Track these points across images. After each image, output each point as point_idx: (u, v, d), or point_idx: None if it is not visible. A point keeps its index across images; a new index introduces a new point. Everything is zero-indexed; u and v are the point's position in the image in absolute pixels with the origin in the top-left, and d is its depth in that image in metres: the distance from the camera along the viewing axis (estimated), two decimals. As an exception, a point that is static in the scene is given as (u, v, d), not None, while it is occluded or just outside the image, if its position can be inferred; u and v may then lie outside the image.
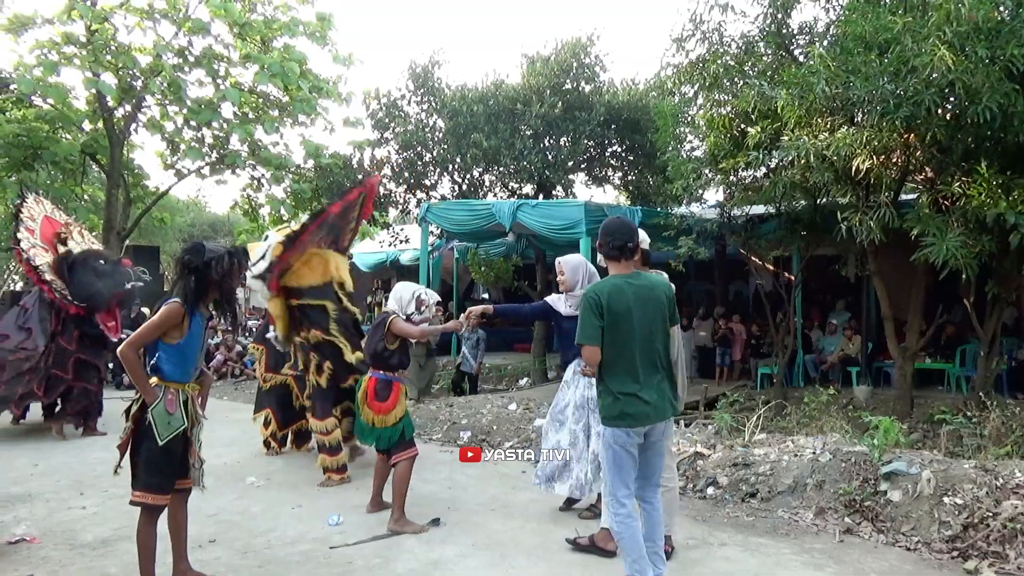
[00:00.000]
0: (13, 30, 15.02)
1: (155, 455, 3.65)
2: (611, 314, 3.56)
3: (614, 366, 3.60)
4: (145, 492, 3.67)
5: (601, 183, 15.59)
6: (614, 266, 3.75)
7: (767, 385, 11.38)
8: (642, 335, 3.61)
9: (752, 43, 9.34)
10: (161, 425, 3.63)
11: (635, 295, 3.63)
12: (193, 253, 3.79)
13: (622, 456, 3.60)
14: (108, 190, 16.80)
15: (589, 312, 3.58)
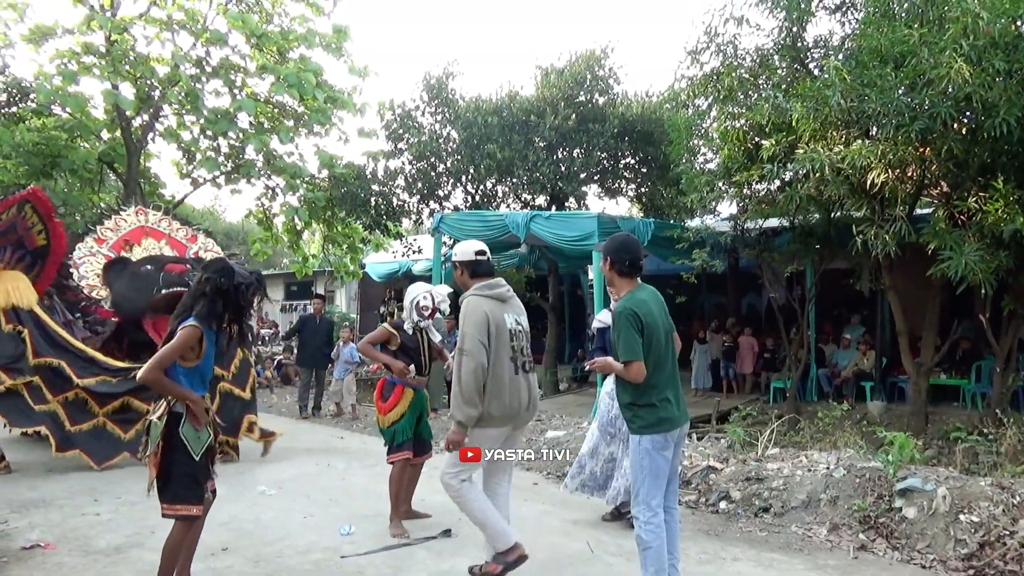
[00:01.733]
0: (34, 40, 15.23)
1: (191, 470, 3.67)
2: (646, 327, 3.65)
3: (652, 376, 3.64)
4: (186, 505, 3.68)
5: (614, 195, 15.60)
6: (626, 282, 3.83)
7: (780, 399, 11.32)
8: (665, 343, 3.74)
9: (767, 56, 9.34)
10: (193, 442, 3.65)
11: (655, 306, 3.77)
12: (225, 275, 3.72)
13: (660, 463, 3.66)
14: (125, 198, 16.92)
15: (630, 329, 3.62)
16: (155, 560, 4.37)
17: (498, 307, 4.00)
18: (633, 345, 3.60)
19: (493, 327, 3.90)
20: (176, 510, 3.68)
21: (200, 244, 9.07)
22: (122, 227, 8.61)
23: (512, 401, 3.94)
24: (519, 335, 4.05)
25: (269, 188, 18.00)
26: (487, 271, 4.16)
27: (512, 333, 3.98)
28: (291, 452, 7.81)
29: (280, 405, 11.41)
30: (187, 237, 9.00)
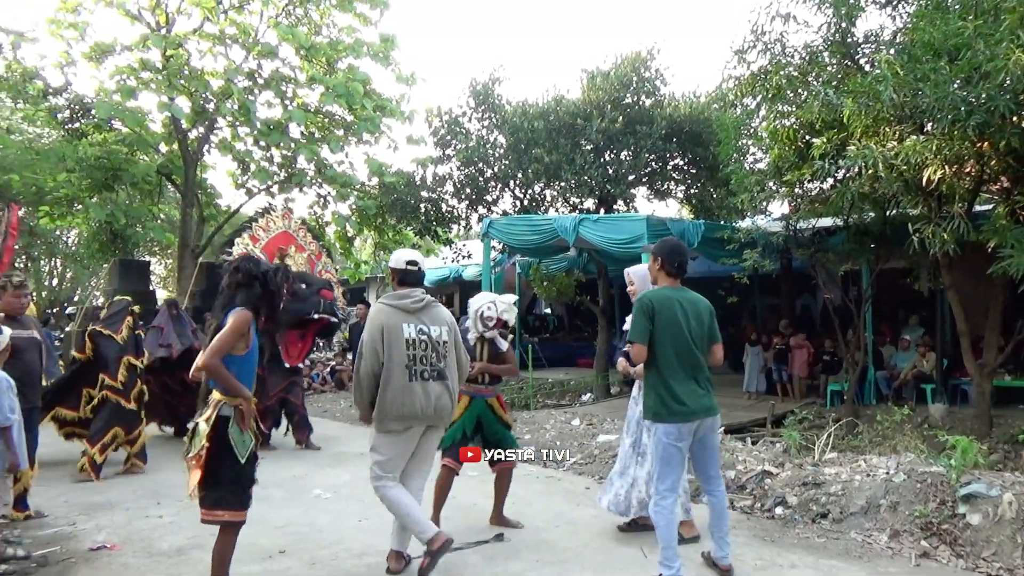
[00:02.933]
0: (94, 58, 15.82)
1: (238, 473, 3.68)
2: (660, 319, 4.03)
3: (661, 366, 4.04)
4: (230, 510, 3.70)
5: (663, 197, 15.48)
6: (668, 280, 4.25)
7: (837, 402, 11.08)
8: (686, 340, 4.05)
9: (816, 53, 9.18)
10: (239, 445, 3.65)
11: (681, 306, 4.11)
12: (252, 263, 3.84)
13: (670, 451, 4.02)
14: (183, 209, 17.46)
15: (641, 315, 4.07)
16: (216, 562, 4.52)
17: (399, 316, 4.25)
18: (637, 328, 4.05)
19: (386, 336, 4.17)
20: (217, 516, 3.69)
21: (323, 263, 9.41)
22: (272, 228, 8.88)
23: (404, 406, 4.16)
24: (420, 344, 4.23)
25: (321, 197, 18.36)
26: (415, 281, 4.44)
27: (409, 342, 4.20)
28: (345, 457, 7.94)
29: (334, 410, 11.59)
30: (316, 254, 9.29)
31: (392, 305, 4.31)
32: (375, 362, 4.17)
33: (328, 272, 9.35)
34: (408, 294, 4.37)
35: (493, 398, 5.23)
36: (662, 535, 4.01)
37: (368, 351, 4.19)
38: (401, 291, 4.39)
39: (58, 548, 4.83)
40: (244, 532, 5.11)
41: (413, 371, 4.20)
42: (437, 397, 4.27)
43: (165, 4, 16.12)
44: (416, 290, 4.42)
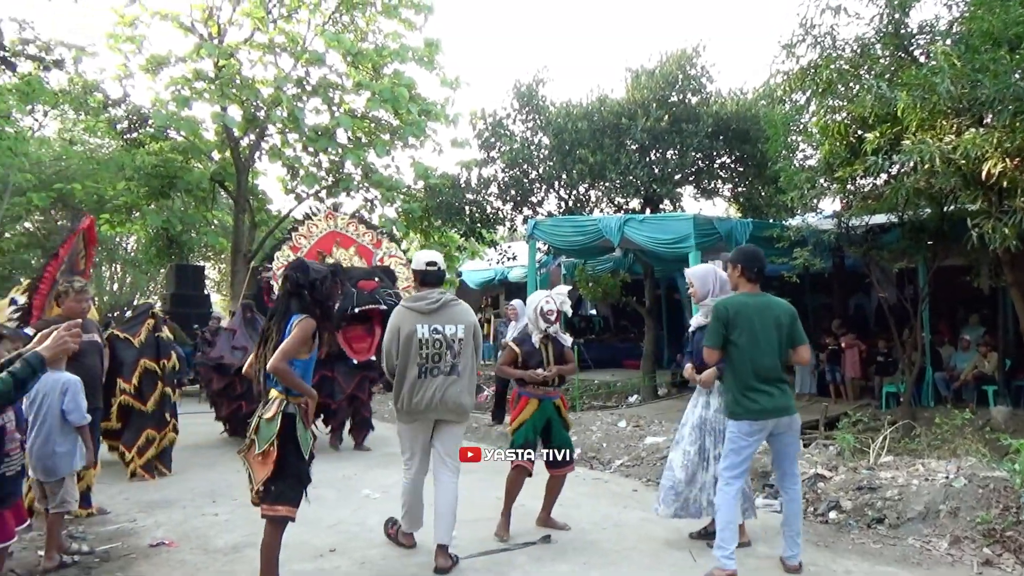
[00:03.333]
0: (150, 70, 16.30)
1: (299, 471, 3.81)
2: (737, 325, 4.27)
3: (737, 368, 4.29)
4: (287, 506, 3.80)
5: (710, 195, 15.29)
6: (748, 286, 4.45)
7: (893, 404, 10.79)
8: (761, 344, 4.27)
9: (867, 45, 8.96)
10: (304, 442, 3.80)
11: (759, 311, 4.33)
12: (302, 271, 3.97)
13: (741, 445, 4.29)
14: (235, 215, 17.88)
15: (717, 321, 4.34)
16: (269, 561, 4.60)
17: (414, 318, 4.55)
18: (713, 334, 4.34)
19: (402, 335, 4.52)
20: (277, 511, 3.80)
21: (384, 249, 8.99)
22: (314, 233, 8.64)
23: (415, 400, 4.48)
24: (433, 343, 4.51)
25: (368, 200, 18.60)
26: (434, 280, 4.70)
27: (423, 342, 4.49)
28: (395, 458, 7.94)
29: (383, 411, 11.70)
30: (373, 242, 8.93)
31: (409, 307, 4.63)
32: (391, 361, 4.58)
33: (393, 256, 8.93)
34: (425, 296, 4.63)
35: (559, 399, 5.26)
36: (721, 517, 4.25)
37: (384, 351, 4.64)
38: (420, 293, 4.69)
39: (119, 544, 4.97)
40: (296, 531, 5.20)
41: (424, 368, 4.49)
42: (447, 391, 4.51)
43: (217, 15, 16.52)
44: (434, 291, 4.66)
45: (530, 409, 5.12)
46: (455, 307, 4.65)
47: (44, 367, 2.65)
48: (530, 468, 5.10)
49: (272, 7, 16.61)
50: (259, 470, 3.79)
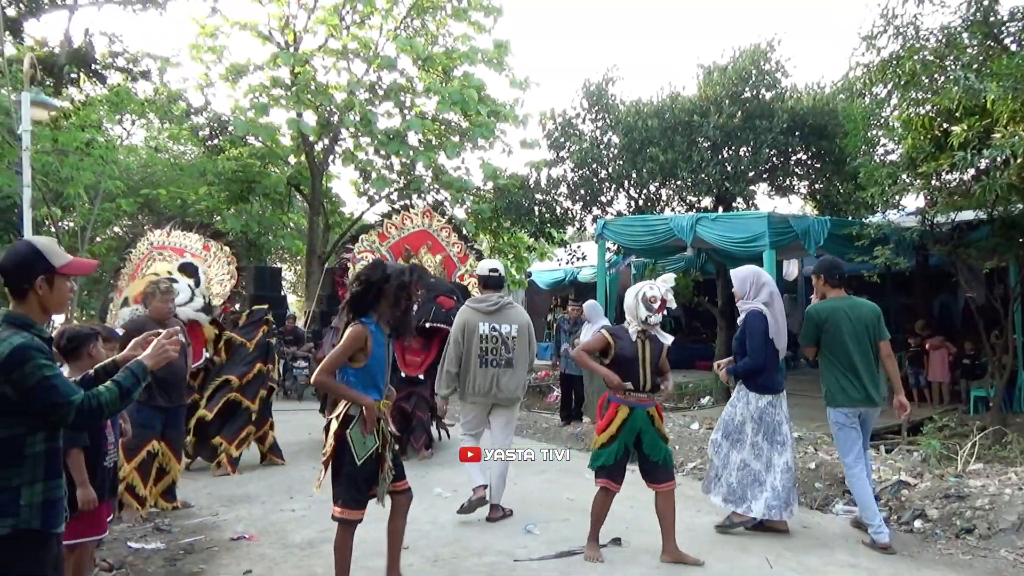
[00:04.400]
0: (230, 78, 16.89)
1: (353, 473, 3.77)
2: (828, 326, 5.02)
3: (832, 363, 5.02)
4: (343, 508, 3.81)
5: (785, 193, 14.90)
6: (834, 292, 5.15)
7: (982, 409, 10.29)
8: (853, 341, 4.97)
9: (954, 35, 8.58)
10: (358, 446, 3.75)
11: (846, 313, 5.03)
12: (372, 269, 3.91)
13: (844, 430, 5.02)
14: (310, 217, 18.35)
15: (810, 323, 5.13)
16: (345, 556, 4.70)
17: (477, 316, 5.46)
18: (807, 333, 5.15)
19: (467, 331, 5.42)
20: (334, 511, 3.82)
21: (468, 267, 8.24)
22: (407, 227, 8.07)
23: (478, 385, 5.40)
24: (491, 339, 5.42)
25: (438, 202, 18.82)
26: (495, 285, 5.61)
27: (483, 337, 5.40)
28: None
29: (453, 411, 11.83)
30: (459, 255, 8.28)
31: (473, 307, 5.54)
32: (456, 351, 5.42)
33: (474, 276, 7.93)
34: (487, 298, 5.54)
35: (653, 408, 4.64)
36: (858, 496, 5.00)
37: (452, 342, 5.49)
38: (483, 295, 5.61)
39: (203, 537, 5.16)
40: (370, 528, 5.29)
41: (484, 360, 5.39)
42: (502, 381, 5.42)
43: (293, 24, 16.99)
44: (494, 295, 5.55)
45: (620, 419, 4.53)
46: (511, 309, 5.57)
47: (147, 376, 2.71)
48: (616, 489, 4.65)
49: (345, 14, 16.99)
50: (325, 470, 3.88)
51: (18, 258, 2.56)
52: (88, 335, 3.85)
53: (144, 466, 5.56)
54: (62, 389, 2.43)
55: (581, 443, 8.55)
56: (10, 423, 2.43)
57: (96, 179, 12.26)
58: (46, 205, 12.24)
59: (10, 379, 2.37)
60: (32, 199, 8.36)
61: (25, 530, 2.43)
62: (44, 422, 2.49)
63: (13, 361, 2.37)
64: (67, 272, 2.63)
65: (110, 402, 2.53)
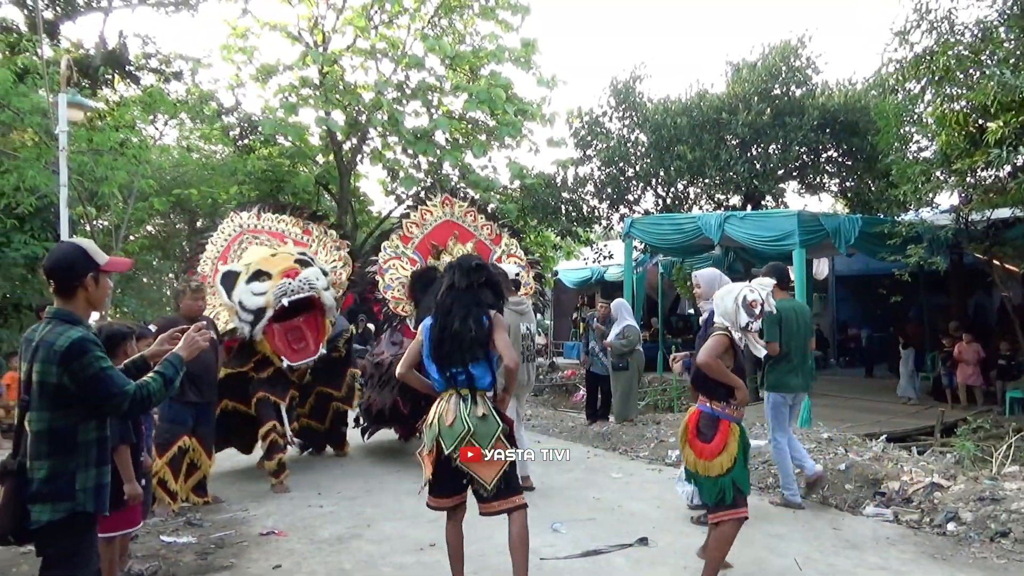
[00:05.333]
0: (260, 78, 17.06)
1: None
2: (784, 324, 5.67)
3: (785, 356, 5.70)
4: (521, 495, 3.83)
5: (815, 191, 14.73)
6: (783, 294, 5.71)
7: (1018, 411, 10.09)
8: (798, 337, 5.77)
9: (990, 29, 8.43)
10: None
11: (795, 312, 5.83)
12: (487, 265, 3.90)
13: (781, 410, 5.72)
14: (339, 216, 18.47)
15: (774, 322, 5.49)
16: (372, 551, 4.75)
17: (516, 318, 6.02)
18: (772, 332, 5.53)
19: (512, 333, 5.60)
20: (514, 502, 3.80)
21: (503, 247, 7.68)
22: (428, 221, 7.50)
23: (521, 380, 5.87)
24: (524, 337, 6.16)
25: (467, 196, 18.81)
26: (518, 287, 6.25)
27: (523, 336, 6.14)
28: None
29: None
30: (491, 238, 7.73)
31: (512, 309, 5.93)
32: None
33: (513, 255, 7.60)
34: (521, 301, 6.24)
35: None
36: (780, 465, 5.77)
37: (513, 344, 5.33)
38: (513, 299, 5.90)
39: (233, 532, 5.23)
40: (398, 525, 5.35)
41: (523, 356, 6.03)
42: (530, 373, 6.41)
43: (322, 24, 17.12)
44: (524, 297, 6.41)
45: (735, 438, 3.92)
46: (530, 310, 6.46)
47: (183, 366, 2.88)
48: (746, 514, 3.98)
49: (374, 14, 17.08)
50: (489, 469, 3.72)
51: (66, 258, 2.71)
52: (126, 334, 3.92)
53: (175, 461, 5.63)
54: (117, 380, 2.62)
55: (607, 442, 8.52)
56: (66, 413, 2.59)
57: (130, 178, 12.44)
58: (82, 204, 12.46)
59: (69, 370, 2.53)
60: (68, 198, 8.51)
61: (80, 513, 2.60)
62: (96, 412, 2.66)
63: (72, 353, 2.53)
64: (109, 269, 2.80)
65: (157, 391, 2.72)
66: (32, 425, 2.60)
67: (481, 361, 3.69)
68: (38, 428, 2.59)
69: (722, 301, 4.07)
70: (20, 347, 2.78)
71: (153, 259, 21.39)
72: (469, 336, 3.64)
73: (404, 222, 7.52)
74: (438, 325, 3.73)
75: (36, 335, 2.64)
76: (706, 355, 3.84)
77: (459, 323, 3.65)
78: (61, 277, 2.70)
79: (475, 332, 3.65)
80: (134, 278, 21.01)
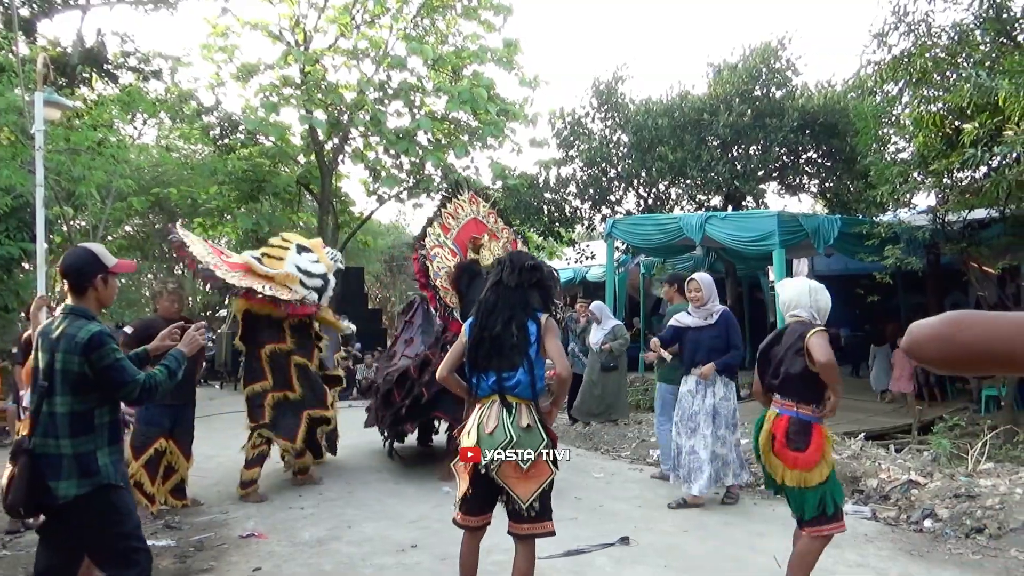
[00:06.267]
0: (241, 77, 16.94)
1: None
2: None
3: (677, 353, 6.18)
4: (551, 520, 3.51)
5: (795, 192, 14.85)
6: (679, 299, 6.41)
7: (993, 408, 10.22)
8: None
9: (966, 32, 8.54)
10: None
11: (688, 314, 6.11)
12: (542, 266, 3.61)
13: (670, 400, 6.33)
14: (320, 217, 18.39)
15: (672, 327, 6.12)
16: (352, 552, 4.73)
17: None
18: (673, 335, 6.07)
19: None
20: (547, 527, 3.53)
21: None
22: (460, 215, 7.57)
23: None
24: None
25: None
26: None
27: None
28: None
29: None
30: (510, 240, 7.84)
31: None
32: None
33: None
34: None
35: None
36: (663, 445, 6.54)
37: None
38: None
39: (212, 534, 5.19)
40: (379, 526, 5.34)
41: None
42: None
43: (304, 23, 17.03)
44: None
45: (830, 443, 3.72)
46: None
47: (185, 360, 3.22)
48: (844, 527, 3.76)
49: (356, 13, 17.01)
50: (526, 485, 3.40)
51: (79, 260, 3.08)
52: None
53: (151, 464, 5.57)
54: (129, 370, 2.98)
55: (589, 442, 8.55)
56: (86, 399, 2.94)
57: (108, 178, 12.32)
58: (58, 204, 12.32)
59: (89, 360, 2.88)
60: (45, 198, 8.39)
61: (106, 485, 2.94)
62: (111, 398, 3.01)
63: (92, 345, 2.88)
64: (116, 271, 3.16)
65: (163, 381, 3.06)
66: (56, 408, 2.90)
67: (521, 368, 3.37)
68: (62, 411, 2.90)
69: (813, 295, 3.93)
70: (36, 340, 3.07)
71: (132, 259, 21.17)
72: (510, 342, 3.37)
73: (442, 211, 7.45)
74: (479, 324, 3.46)
75: (54, 329, 2.96)
76: (828, 355, 3.53)
77: (502, 326, 3.39)
78: (74, 277, 3.05)
79: (517, 338, 3.36)
80: (113, 280, 20.73)
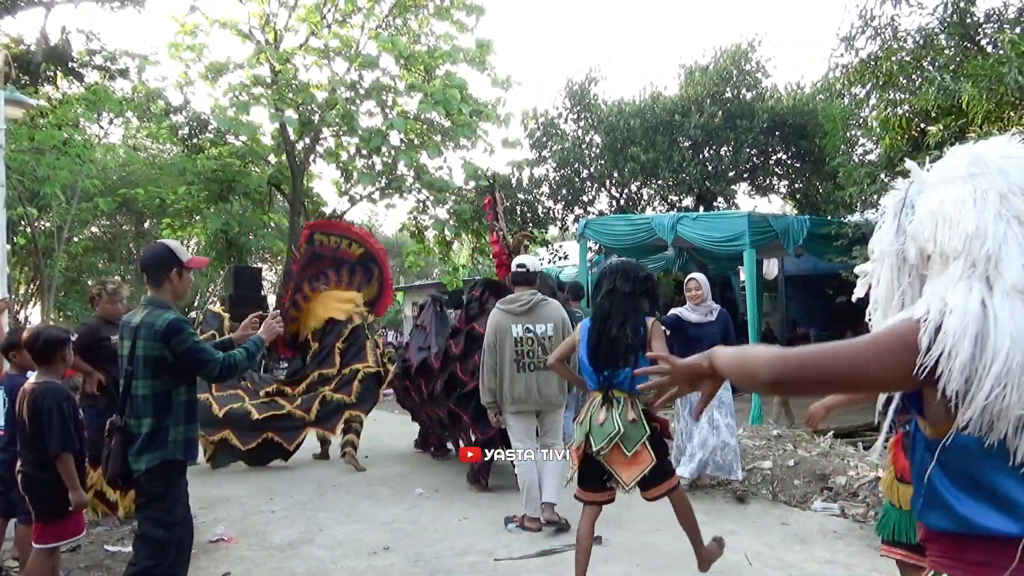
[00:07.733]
0: (210, 77, 16.73)
1: None
2: None
3: None
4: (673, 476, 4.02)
5: (765, 192, 15.02)
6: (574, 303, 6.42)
7: (959, 405, 10.41)
8: None
9: (931, 36, 8.68)
10: None
11: None
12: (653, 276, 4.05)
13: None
14: (291, 217, 18.21)
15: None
16: (324, 556, 4.69)
17: (508, 319, 5.13)
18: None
19: (498, 335, 5.09)
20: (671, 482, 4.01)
21: None
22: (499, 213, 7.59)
23: (515, 392, 5.05)
24: (526, 341, 5.09)
25: (420, 202, 18.73)
26: (524, 281, 5.26)
27: (517, 340, 5.08)
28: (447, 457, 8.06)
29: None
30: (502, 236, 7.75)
31: (503, 309, 5.19)
32: (491, 358, 5.09)
33: None
34: (517, 298, 5.18)
35: None
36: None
37: (486, 348, 5.15)
38: (513, 295, 5.25)
39: (181, 539, 5.11)
40: (351, 528, 5.30)
41: (521, 363, 5.06)
42: (541, 385, 5.09)
43: (274, 22, 16.87)
44: (525, 292, 5.19)
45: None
46: (545, 306, 5.20)
47: (264, 345, 3.55)
48: None
49: (327, 12, 16.89)
50: (630, 469, 3.84)
51: (157, 256, 3.36)
52: (64, 340, 3.79)
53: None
54: (208, 351, 3.29)
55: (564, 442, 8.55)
56: (165, 380, 3.21)
57: (73, 178, 12.11)
58: (22, 204, 12.08)
59: (168, 345, 3.16)
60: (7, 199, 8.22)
61: (172, 460, 3.20)
62: (189, 378, 3.31)
63: (170, 331, 3.15)
64: (191, 266, 3.43)
65: (242, 360, 3.36)
66: (138, 391, 3.18)
67: (630, 367, 3.70)
68: (143, 393, 3.18)
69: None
70: (120, 328, 3.36)
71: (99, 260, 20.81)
72: (625, 343, 3.72)
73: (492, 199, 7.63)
74: (596, 329, 3.83)
75: (135, 319, 3.24)
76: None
77: (617, 329, 3.74)
78: (152, 271, 3.34)
79: (631, 339, 3.73)
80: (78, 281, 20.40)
